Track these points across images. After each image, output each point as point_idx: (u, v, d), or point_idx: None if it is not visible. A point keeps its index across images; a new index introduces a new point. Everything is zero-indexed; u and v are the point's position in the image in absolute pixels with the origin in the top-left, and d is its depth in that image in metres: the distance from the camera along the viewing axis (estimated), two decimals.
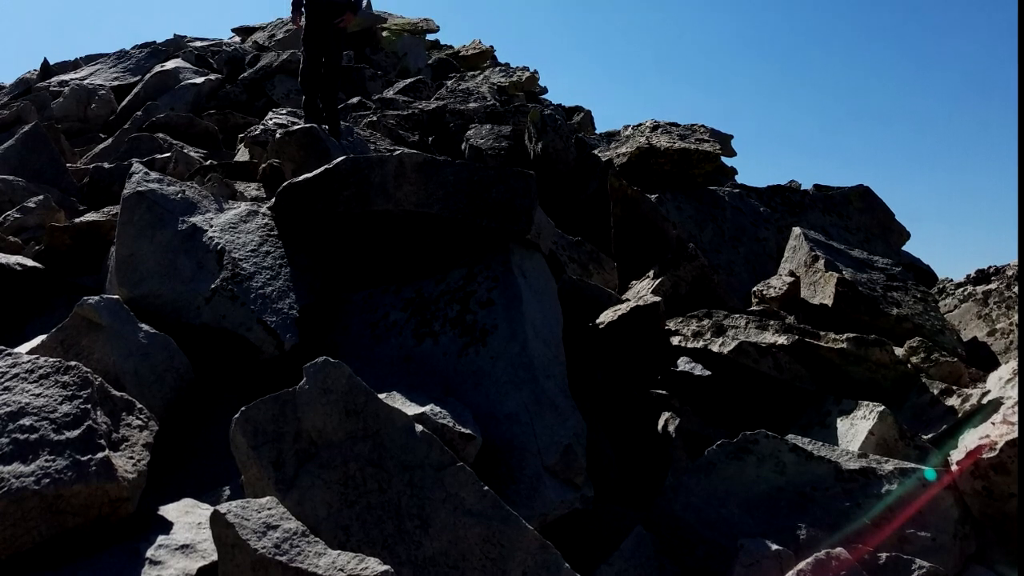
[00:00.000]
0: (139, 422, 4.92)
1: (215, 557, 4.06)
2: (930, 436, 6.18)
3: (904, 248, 12.96)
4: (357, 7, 11.64)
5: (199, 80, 18.17)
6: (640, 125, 13.94)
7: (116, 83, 19.63)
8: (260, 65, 19.01)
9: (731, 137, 15.17)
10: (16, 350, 5.03)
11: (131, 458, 4.61)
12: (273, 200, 7.24)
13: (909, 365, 7.11)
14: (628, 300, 7.69)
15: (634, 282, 8.97)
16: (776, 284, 8.76)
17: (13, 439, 4.24)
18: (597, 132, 19.22)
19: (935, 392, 6.67)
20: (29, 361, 4.70)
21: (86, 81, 19.44)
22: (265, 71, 18.62)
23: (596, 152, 13.20)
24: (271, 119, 12.93)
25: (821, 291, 8.48)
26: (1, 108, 17.90)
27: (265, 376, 5.96)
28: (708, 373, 7.16)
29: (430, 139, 14.37)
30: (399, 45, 24.53)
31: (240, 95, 18.04)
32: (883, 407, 6.09)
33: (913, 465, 5.40)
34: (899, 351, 7.20)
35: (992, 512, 5.30)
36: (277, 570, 3.71)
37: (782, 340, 6.97)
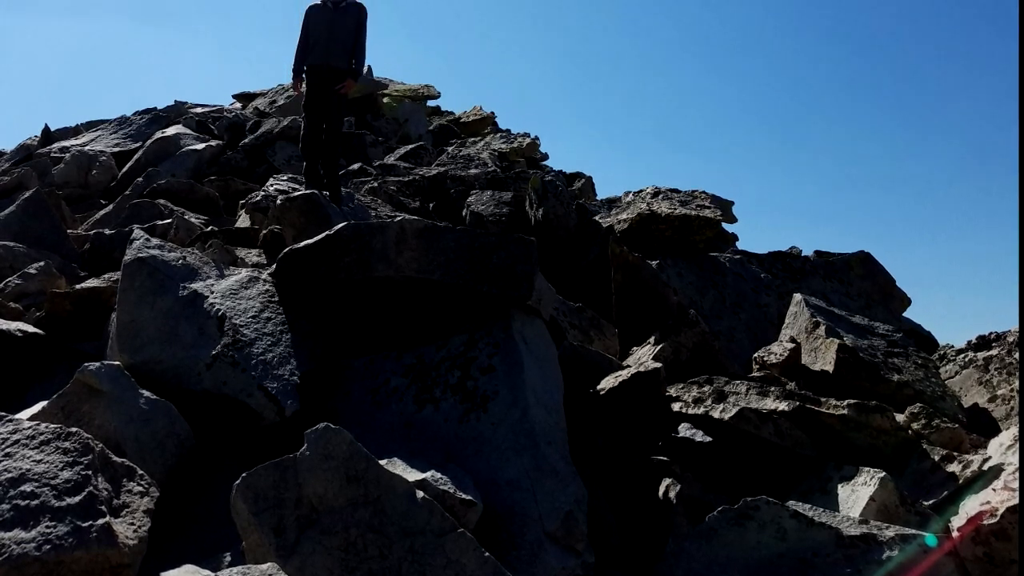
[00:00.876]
0: (140, 488, 4.92)
1: None
2: (931, 502, 6.16)
3: (905, 314, 12.95)
4: (358, 73, 11.72)
5: (200, 146, 18.20)
6: (641, 191, 13.98)
7: (117, 149, 19.66)
8: (261, 131, 19.04)
9: (732, 203, 15.23)
10: (17, 416, 5.05)
11: (132, 524, 4.60)
12: (274, 266, 7.26)
13: (910, 431, 7.10)
14: (629, 366, 7.69)
15: (635, 348, 8.96)
16: (777, 350, 8.77)
17: (14, 505, 4.24)
18: (598, 198, 19.26)
19: (936, 458, 6.66)
20: (30, 427, 4.72)
21: (87, 147, 19.45)
22: (266, 137, 18.64)
23: (597, 218, 13.23)
24: (272, 185, 12.95)
25: (822, 357, 8.48)
26: (2, 174, 17.93)
27: (266, 442, 5.95)
28: (709, 439, 7.14)
29: (431, 205, 14.39)
30: (400, 111, 24.64)
31: (241, 161, 18.05)
32: (884, 473, 6.07)
33: (914, 531, 5.38)
34: (900, 417, 7.20)
35: None
36: None
37: (783, 406, 6.96)
